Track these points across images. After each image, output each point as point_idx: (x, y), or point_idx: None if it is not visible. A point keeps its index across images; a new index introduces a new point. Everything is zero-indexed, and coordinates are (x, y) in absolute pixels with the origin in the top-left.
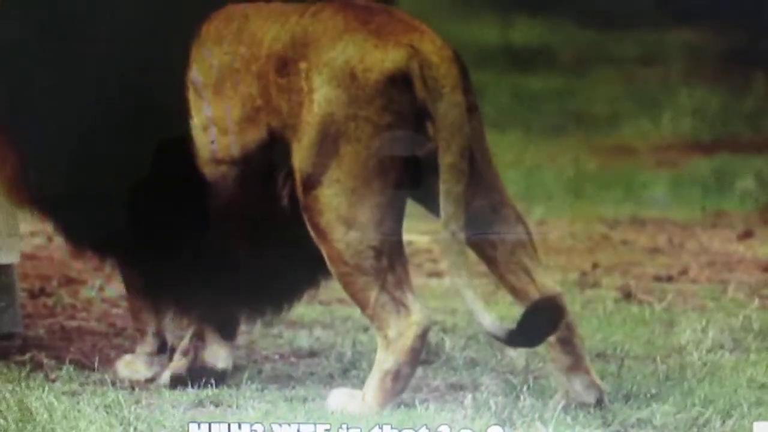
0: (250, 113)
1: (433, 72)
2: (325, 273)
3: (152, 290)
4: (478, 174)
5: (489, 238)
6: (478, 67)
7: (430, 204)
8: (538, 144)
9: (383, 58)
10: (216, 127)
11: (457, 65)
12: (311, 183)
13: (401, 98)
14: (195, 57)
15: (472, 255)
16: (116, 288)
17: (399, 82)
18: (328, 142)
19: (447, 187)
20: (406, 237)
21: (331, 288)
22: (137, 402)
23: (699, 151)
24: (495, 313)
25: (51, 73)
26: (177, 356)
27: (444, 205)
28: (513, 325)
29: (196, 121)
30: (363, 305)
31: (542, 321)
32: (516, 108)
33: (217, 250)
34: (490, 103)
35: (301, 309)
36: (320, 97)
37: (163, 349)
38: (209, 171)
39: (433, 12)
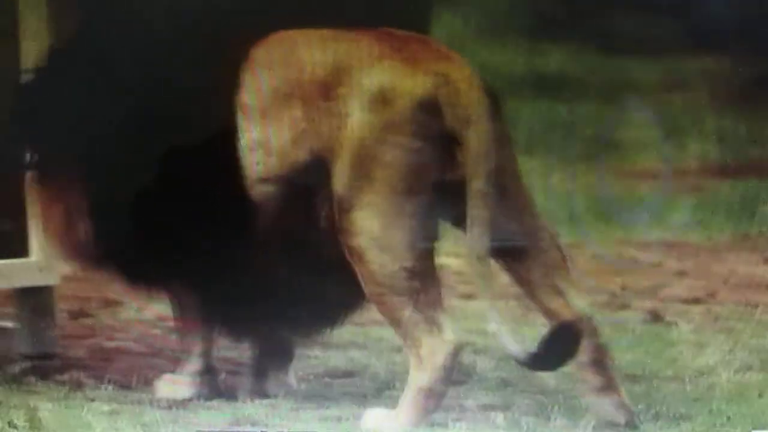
0: (295, 136)
1: (461, 99)
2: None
3: (200, 311)
4: (510, 198)
5: (522, 260)
6: (507, 94)
7: (464, 227)
8: (566, 169)
9: (414, 85)
10: (262, 149)
11: (486, 93)
12: (346, 206)
13: (431, 124)
14: (244, 81)
15: (504, 277)
16: (155, 309)
17: (429, 108)
18: (362, 165)
19: (474, 211)
20: (440, 259)
21: (366, 309)
22: (175, 421)
23: (724, 175)
24: (528, 335)
25: (99, 113)
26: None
27: (471, 228)
28: (534, 348)
29: (243, 143)
30: (396, 325)
31: (562, 345)
32: (545, 134)
33: (264, 272)
34: (519, 129)
35: (337, 330)
36: (355, 122)
37: (208, 370)
38: (255, 192)
39: (464, 39)
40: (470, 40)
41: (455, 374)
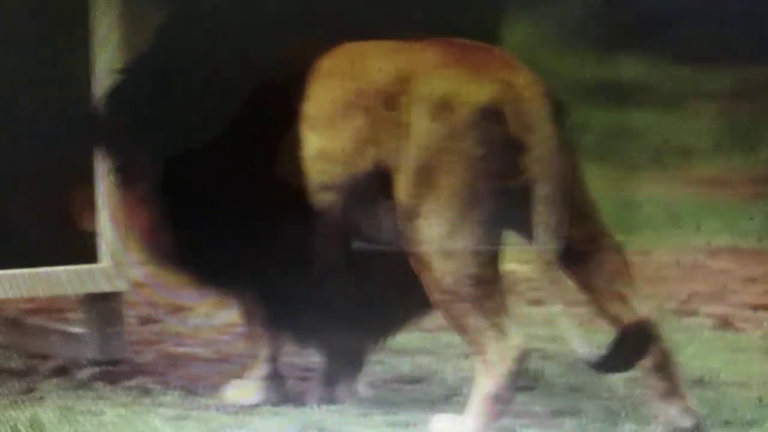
0: (359, 146)
1: (524, 106)
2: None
3: (267, 317)
4: (574, 205)
5: (587, 267)
6: (577, 102)
7: (528, 234)
8: (636, 176)
9: (477, 92)
10: (326, 158)
11: (550, 101)
12: (410, 214)
13: (494, 131)
14: (310, 91)
15: (570, 283)
16: (223, 315)
17: (492, 115)
18: (425, 174)
19: (540, 218)
20: (508, 266)
21: (435, 315)
22: (242, 427)
23: None
24: (594, 341)
25: (176, 121)
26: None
27: (538, 235)
28: (604, 351)
29: (307, 153)
30: (462, 332)
31: (631, 347)
32: (615, 141)
33: (329, 278)
34: (589, 136)
35: (404, 336)
36: (418, 130)
37: (275, 376)
38: (318, 201)
39: (534, 48)
40: (542, 48)
41: (523, 380)
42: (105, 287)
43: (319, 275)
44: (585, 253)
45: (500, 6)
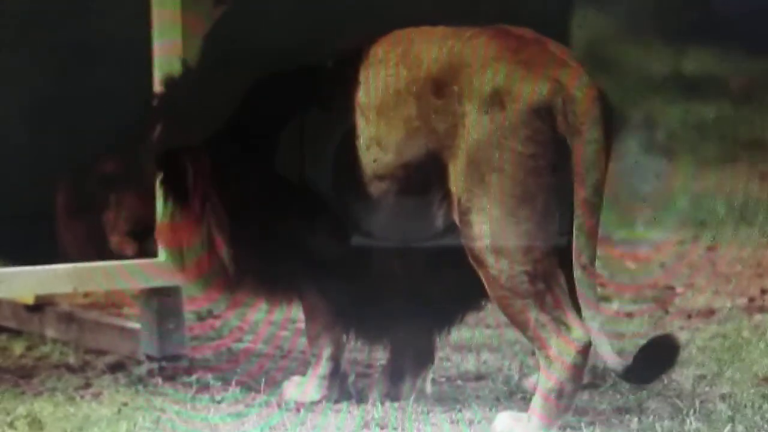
0: (410, 134)
1: (574, 107)
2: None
3: (329, 314)
4: None
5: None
6: (649, 94)
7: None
8: (707, 170)
9: (529, 90)
10: (378, 146)
11: (601, 104)
12: (464, 209)
13: (544, 130)
14: (362, 79)
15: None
16: (283, 311)
17: (542, 114)
18: (477, 168)
19: (580, 221)
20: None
21: (499, 311)
22: (302, 423)
23: None
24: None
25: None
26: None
27: (577, 238)
28: (630, 361)
29: (361, 142)
30: (523, 327)
31: (657, 358)
32: (686, 135)
33: (387, 272)
34: (660, 129)
35: (469, 332)
36: (469, 123)
37: (336, 373)
38: (373, 190)
39: (606, 40)
40: (611, 41)
41: (590, 377)
42: (163, 282)
43: (380, 268)
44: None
45: None
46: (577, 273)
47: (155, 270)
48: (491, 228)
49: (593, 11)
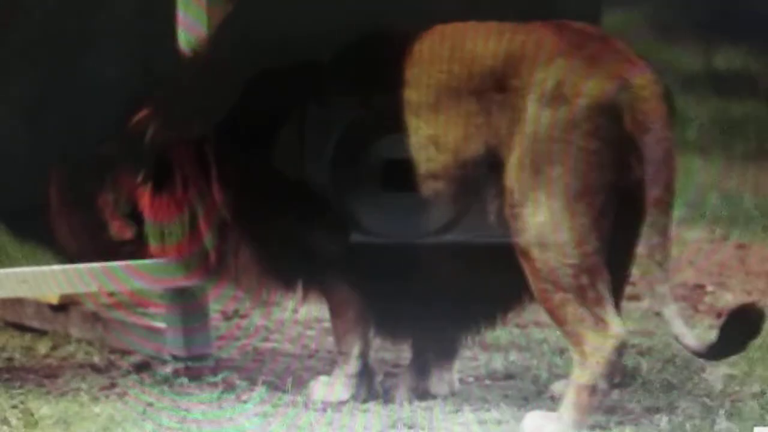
0: (470, 130)
1: (642, 106)
2: (528, 294)
3: (359, 312)
4: None
5: None
6: (680, 92)
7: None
8: (738, 168)
9: (595, 87)
10: (434, 145)
11: (668, 101)
12: (515, 201)
13: (610, 127)
14: (409, 77)
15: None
16: (310, 310)
17: (609, 111)
18: (535, 162)
19: (652, 219)
20: None
21: (528, 310)
22: (329, 423)
23: None
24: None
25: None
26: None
27: (648, 235)
28: (713, 339)
29: (413, 140)
30: (560, 321)
31: (743, 327)
32: (717, 132)
33: (427, 270)
34: (692, 127)
35: (497, 332)
36: (530, 116)
37: (365, 372)
38: (425, 189)
39: (637, 35)
40: (644, 37)
41: (619, 376)
42: (189, 281)
43: (419, 266)
44: None
45: None
46: (653, 271)
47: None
48: (543, 220)
49: (623, 8)
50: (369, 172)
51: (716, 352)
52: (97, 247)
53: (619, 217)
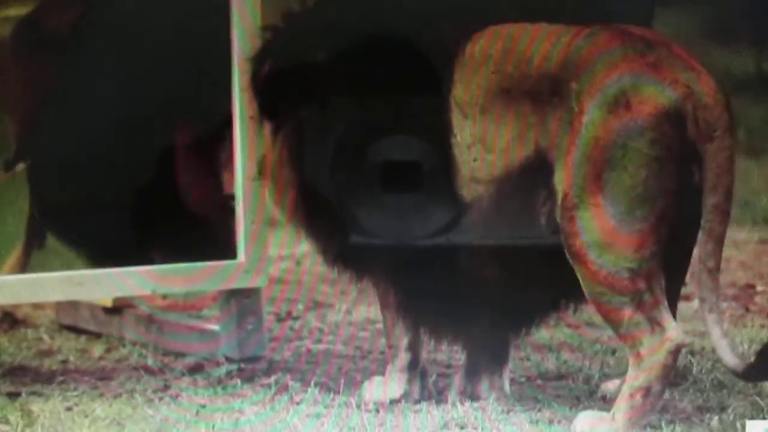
0: (521, 131)
1: (706, 114)
2: (571, 296)
3: (408, 312)
4: None
5: None
6: (732, 94)
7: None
8: None
9: (659, 94)
10: (481, 145)
11: (730, 110)
12: (570, 204)
13: (672, 134)
14: (458, 77)
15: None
16: (363, 311)
17: (672, 118)
18: (592, 165)
19: (709, 226)
20: None
21: (580, 311)
22: (382, 424)
23: None
24: (745, 335)
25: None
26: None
27: (704, 242)
28: (751, 360)
29: (459, 140)
30: (615, 324)
31: None
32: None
33: (471, 270)
34: (743, 129)
35: (550, 332)
36: (589, 120)
37: (415, 367)
38: (467, 191)
39: (689, 40)
40: (696, 39)
41: (671, 376)
42: (243, 283)
43: (465, 268)
44: None
45: None
46: (703, 276)
47: (235, 272)
48: (602, 223)
49: (675, 10)
50: (405, 173)
51: (753, 374)
52: (213, 200)
53: (677, 222)
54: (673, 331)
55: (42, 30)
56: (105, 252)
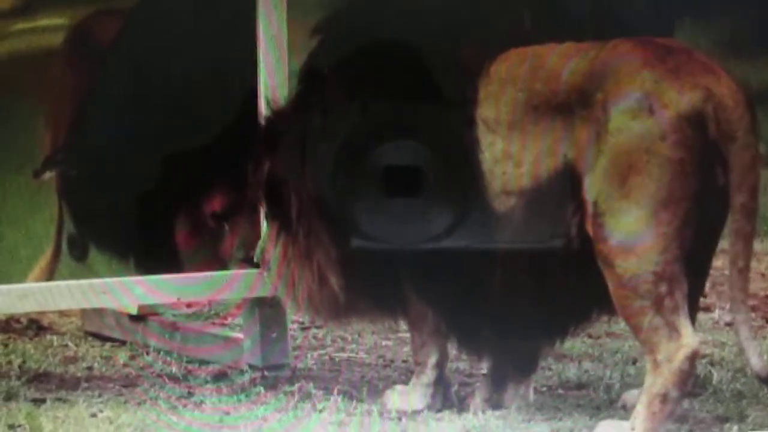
0: (550, 145)
1: (727, 115)
2: (603, 306)
3: (436, 324)
4: None
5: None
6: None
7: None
8: None
9: (680, 97)
10: (511, 160)
11: (751, 108)
12: (598, 210)
13: (695, 137)
14: (484, 95)
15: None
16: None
17: (693, 121)
18: (618, 171)
19: (737, 225)
20: None
21: (601, 321)
22: None
23: None
24: (765, 347)
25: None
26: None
27: (733, 242)
28: None
29: (487, 156)
30: (636, 329)
31: None
32: None
33: (501, 283)
34: (763, 141)
35: (570, 342)
36: (614, 127)
37: (440, 381)
38: (498, 204)
39: (708, 51)
40: (715, 50)
41: (690, 386)
42: (267, 291)
43: (493, 279)
44: None
45: (671, 11)
46: (733, 276)
47: (258, 280)
48: (627, 228)
49: (693, 22)
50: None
51: None
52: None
53: (699, 229)
54: (690, 337)
55: (87, 41)
56: (142, 259)
